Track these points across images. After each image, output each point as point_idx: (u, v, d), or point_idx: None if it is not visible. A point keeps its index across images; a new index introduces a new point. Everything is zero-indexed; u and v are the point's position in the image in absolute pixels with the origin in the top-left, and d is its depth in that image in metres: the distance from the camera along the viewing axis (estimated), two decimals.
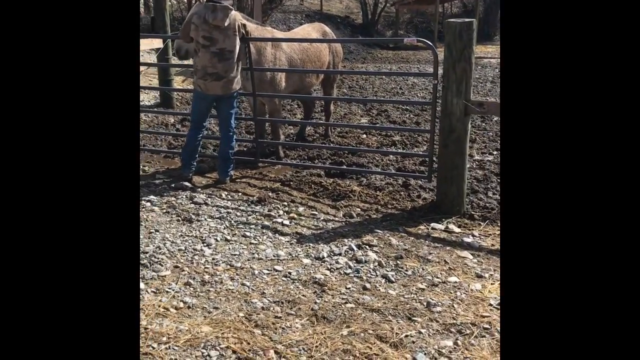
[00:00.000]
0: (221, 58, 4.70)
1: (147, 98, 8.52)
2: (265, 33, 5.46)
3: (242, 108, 7.47)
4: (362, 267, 3.47)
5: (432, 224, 4.18)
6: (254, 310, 2.91)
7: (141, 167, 5.46)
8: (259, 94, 5.38)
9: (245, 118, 6.77)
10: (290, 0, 19.77)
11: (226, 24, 4.65)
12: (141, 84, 8.57)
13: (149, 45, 8.26)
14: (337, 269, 3.44)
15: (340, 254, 3.63)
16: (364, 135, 6.86)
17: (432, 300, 3.07)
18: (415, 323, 2.86)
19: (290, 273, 3.35)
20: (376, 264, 3.52)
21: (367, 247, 3.76)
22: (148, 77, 9.50)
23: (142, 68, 9.50)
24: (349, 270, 3.42)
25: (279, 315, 2.88)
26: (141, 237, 3.79)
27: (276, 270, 3.38)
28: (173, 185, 4.88)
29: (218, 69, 4.72)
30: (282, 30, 12.18)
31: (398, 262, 3.55)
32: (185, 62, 8.56)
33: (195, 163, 5.05)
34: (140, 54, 10.31)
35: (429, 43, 4.84)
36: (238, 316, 2.84)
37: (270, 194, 4.79)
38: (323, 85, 6.64)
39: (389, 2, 23.05)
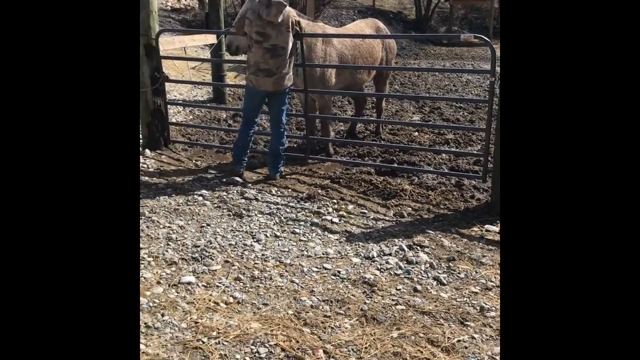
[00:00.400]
0: (274, 54, 4.70)
1: (200, 93, 8.66)
2: (316, 29, 5.43)
3: (292, 104, 7.48)
4: (412, 268, 3.39)
5: (487, 226, 4.05)
6: (303, 308, 2.89)
7: (194, 161, 5.55)
8: (310, 90, 5.36)
9: (296, 114, 6.77)
10: None
11: (279, 20, 4.64)
12: (194, 79, 8.72)
13: (203, 41, 8.38)
14: (387, 269, 3.38)
15: (390, 254, 3.57)
16: (416, 133, 6.75)
17: (486, 304, 2.97)
18: (468, 328, 2.77)
19: (339, 272, 3.31)
20: (427, 265, 3.43)
21: (418, 247, 3.68)
22: (201, 73, 9.66)
23: (195, 64, 9.67)
24: (399, 271, 3.35)
25: (328, 314, 2.85)
26: (193, 230, 3.84)
27: (325, 269, 3.35)
28: (224, 180, 4.93)
29: (270, 65, 4.72)
30: (333, 26, 12.14)
31: (450, 264, 3.46)
32: (238, 57, 8.66)
33: (246, 158, 5.08)
34: (194, 49, 10.50)
35: (486, 39, 4.70)
36: (287, 313, 2.83)
37: (319, 191, 4.77)
38: (375, 81, 6.56)
39: None
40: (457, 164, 5.54)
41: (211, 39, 8.17)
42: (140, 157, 5.44)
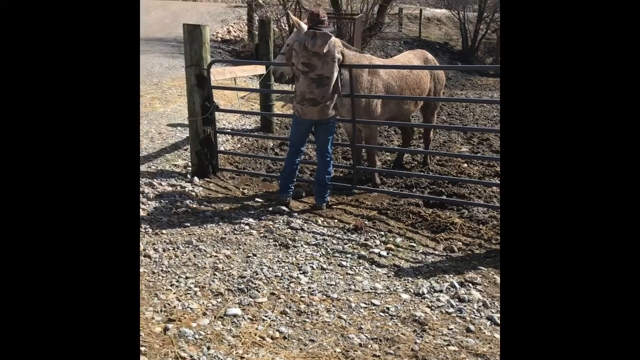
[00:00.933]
0: (319, 84, 4.71)
1: (248, 122, 8.76)
2: (362, 60, 5.42)
3: (338, 133, 7.47)
4: (465, 306, 3.25)
5: None
6: (351, 346, 2.79)
7: (241, 189, 5.57)
8: (358, 121, 5.33)
9: (342, 144, 6.74)
10: (389, 27, 19.80)
11: (325, 51, 4.66)
12: (243, 109, 8.85)
13: (252, 72, 8.52)
14: (438, 307, 3.25)
15: (441, 291, 3.44)
16: (465, 165, 6.60)
17: None
18: None
19: (388, 308, 3.20)
20: (480, 304, 3.29)
21: (470, 284, 3.53)
22: (250, 102, 9.80)
23: (244, 93, 9.83)
24: (451, 309, 3.22)
25: (377, 353, 2.74)
26: (239, 260, 3.81)
27: (373, 304, 3.25)
28: (271, 208, 4.91)
29: (315, 95, 4.73)
30: (379, 56, 12.16)
31: None
32: (286, 87, 8.71)
33: (292, 187, 5.06)
34: (244, 79, 10.69)
35: None
36: (335, 351, 2.73)
37: (366, 222, 4.68)
38: (423, 112, 6.48)
39: (490, 29, 22.44)
40: None
41: (260, 69, 8.29)
42: (189, 184, 5.49)
